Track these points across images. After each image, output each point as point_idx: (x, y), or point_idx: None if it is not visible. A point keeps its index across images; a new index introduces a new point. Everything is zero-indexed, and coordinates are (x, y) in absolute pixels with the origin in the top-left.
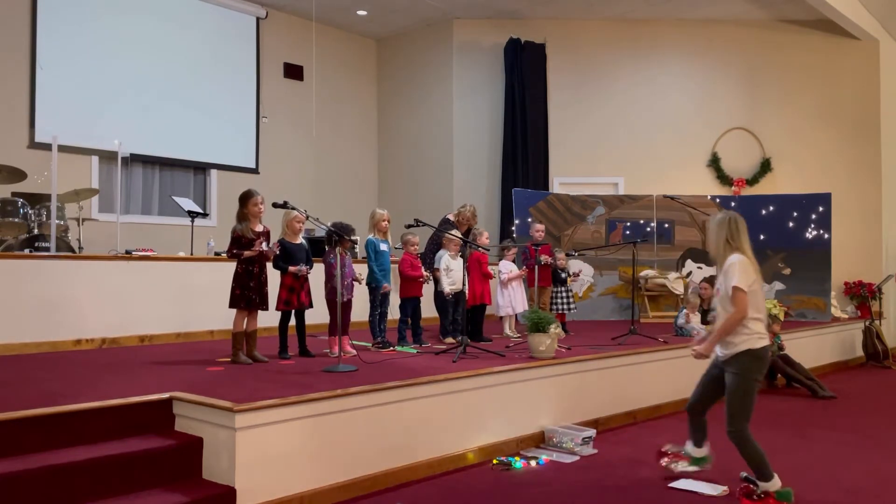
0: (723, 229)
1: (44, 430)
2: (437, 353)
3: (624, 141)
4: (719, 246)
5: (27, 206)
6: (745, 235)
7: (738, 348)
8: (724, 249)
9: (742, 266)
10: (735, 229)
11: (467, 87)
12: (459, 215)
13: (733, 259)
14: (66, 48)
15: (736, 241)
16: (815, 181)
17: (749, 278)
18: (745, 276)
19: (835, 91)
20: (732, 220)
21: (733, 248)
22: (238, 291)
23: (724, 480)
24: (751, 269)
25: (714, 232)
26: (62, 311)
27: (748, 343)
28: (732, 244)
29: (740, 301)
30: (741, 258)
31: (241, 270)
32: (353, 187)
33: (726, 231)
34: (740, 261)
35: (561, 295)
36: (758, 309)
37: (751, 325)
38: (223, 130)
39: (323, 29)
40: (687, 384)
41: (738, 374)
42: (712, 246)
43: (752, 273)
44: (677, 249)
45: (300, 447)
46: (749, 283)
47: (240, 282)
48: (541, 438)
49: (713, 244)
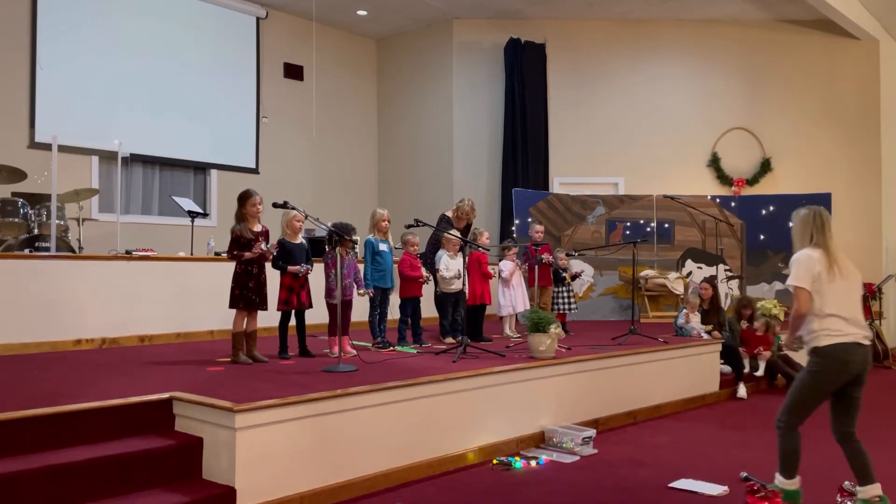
0: (807, 226)
1: (44, 430)
2: (437, 353)
3: (624, 141)
4: (804, 243)
5: (27, 206)
6: (829, 231)
7: (808, 346)
8: (807, 244)
9: (801, 264)
10: (820, 224)
11: (467, 88)
12: (458, 210)
13: (794, 257)
14: (66, 48)
15: (818, 235)
16: (815, 181)
17: (811, 275)
18: (803, 274)
19: (835, 91)
20: (817, 215)
21: (814, 244)
22: (237, 292)
23: (724, 480)
24: (815, 265)
25: (798, 228)
26: (62, 311)
27: (815, 341)
28: (815, 238)
29: (797, 298)
30: (803, 255)
31: (240, 271)
32: (353, 187)
33: (811, 226)
34: (800, 258)
35: (562, 295)
36: (833, 305)
37: (819, 323)
38: (223, 130)
39: (323, 29)
40: (687, 384)
41: (806, 370)
42: (797, 243)
43: (816, 268)
44: (677, 249)
45: (300, 447)
46: (811, 279)
47: (239, 282)
48: (541, 438)
49: (797, 241)
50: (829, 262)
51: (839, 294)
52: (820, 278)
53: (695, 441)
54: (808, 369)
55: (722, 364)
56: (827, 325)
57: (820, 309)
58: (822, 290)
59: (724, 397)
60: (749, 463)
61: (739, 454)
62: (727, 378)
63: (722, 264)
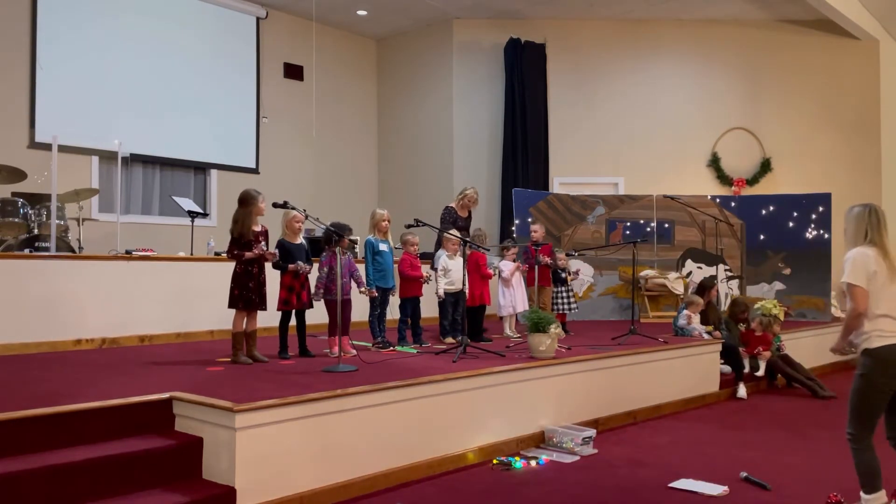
0: (862, 223)
1: (44, 430)
2: (437, 353)
3: (624, 141)
4: (858, 241)
5: (27, 206)
6: (885, 229)
7: (860, 348)
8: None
9: (855, 262)
10: (876, 221)
11: (467, 87)
12: (464, 197)
13: (848, 255)
14: (66, 48)
15: (873, 233)
16: (815, 181)
17: (866, 273)
18: (858, 272)
19: (835, 91)
20: (872, 212)
21: (869, 241)
22: (237, 292)
23: (724, 480)
24: (871, 263)
25: (852, 225)
26: (62, 311)
27: (866, 342)
28: (869, 235)
29: (853, 297)
30: (857, 252)
31: (239, 271)
32: (353, 187)
33: (866, 224)
34: (854, 256)
35: (562, 295)
36: (886, 306)
37: (871, 324)
38: (223, 130)
39: (323, 29)
40: (687, 384)
41: (857, 373)
42: (850, 239)
43: (871, 267)
44: (677, 249)
45: (300, 447)
46: (866, 278)
47: (238, 282)
48: (541, 438)
49: (851, 239)
50: (887, 262)
51: (894, 295)
52: (876, 278)
53: (695, 441)
54: (860, 372)
55: (722, 364)
56: (880, 325)
57: (872, 310)
58: (876, 290)
59: (724, 397)
60: (749, 463)
61: (739, 454)
62: (727, 378)
63: (722, 264)
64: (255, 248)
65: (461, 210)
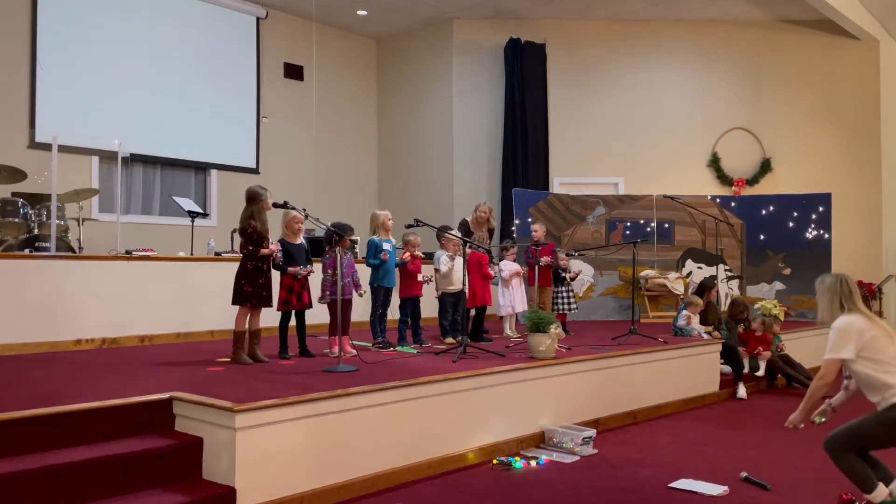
0: (835, 294)
1: (44, 430)
2: (438, 353)
3: (624, 141)
4: (834, 311)
5: (27, 206)
6: (857, 295)
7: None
8: (836, 313)
9: (842, 332)
10: (848, 291)
11: (467, 87)
12: (476, 211)
13: (837, 325)
14: (67, 48)
15: (848, 302)
16: (815, 181)
17: (857, 343)
18: (842, 345)
19: (835, 91)
20: (843, 282)
21: (846, 310)
22: (249, 288)
23: (724, 480)
24: (864, 331)
25: (825, 297)
26: (62, 312)
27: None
28: (846, 306)
29: (825, 368)
30: (847, 322)
31: (251, 267)
32: (353, 187)
33: (839, 295)
34: (841, 327)
35: (562, 295)
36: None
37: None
38: (223, 130)
39: (323, 29)
40: (687, 384)
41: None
42: (824, 312)
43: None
44: (677, 249)
45: (300, 447)
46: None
47: (250, 279)
48: (541, 438)
49: (825, 310)
50: (878, 325)
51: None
52: (877, 341)
53: (695, 441)
54: (884, 422)
55: (722, 364)
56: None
57: (889, 367)
58: (882, 349)
59: (724, 397)
60: (749, 463)
61: (739, 454)
62: (727, 378)
63: (722, 264)
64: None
65: (475, 226)
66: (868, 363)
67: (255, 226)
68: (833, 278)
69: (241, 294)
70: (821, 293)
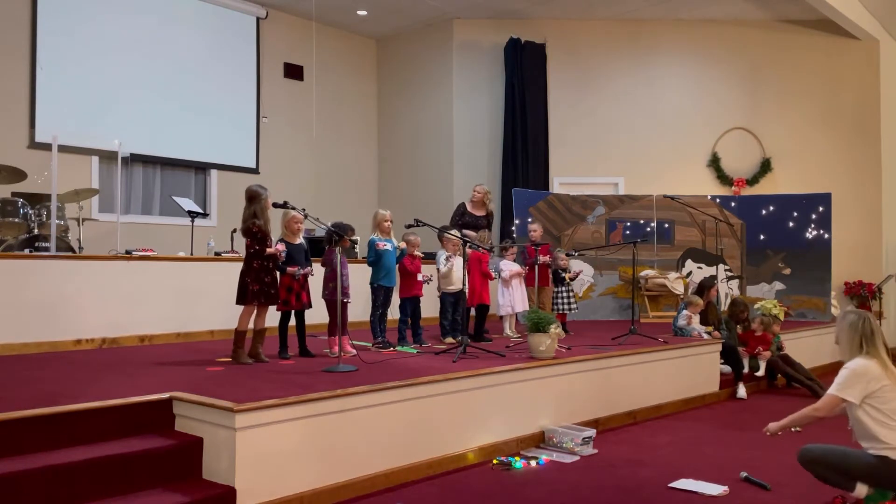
0: (856, 333)
1: (44, 430)
2: (438, 353)
3: (624, 141)
4: (853, 350)
5: (27, 206)
6: (879, 337)
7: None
8: (855, 353)
9: (855, 374)
10: (870, 333)
11: (467, 87)
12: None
13: (848, 364)
14: (66, 48)
15: (869, 345)
16: (815, 181)
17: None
18: (851, 387)
19: (835, 91)
20: (866, 321)
21: (864, 351)
22: (256, 287)
23: (724, 480)
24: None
25: (846, 334)
26: (62, 311)
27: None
28: (865, 348)
29: (825, 402)
30: (861, 366)
31: (257, 266)
32: (353, 187)
33: (860, 335)
34: (855, 368)
35: (562, 295)
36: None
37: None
38: (223, 130)
39: (323, 29)
40: (687, 384)
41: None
42: (844, 350)
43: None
44: (677, 249)
45: (300, 447)
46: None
47: (257, 277)
48: (541, 438)
49: (844, 348)
50: (889, 373)
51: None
52: (885, 392)
53: (695, 441)
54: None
55: (721, 364)
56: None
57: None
58: (889, 401)
59: (724, 397)
60: (749, 463)
61: (739, 454)
62: (727, 378)
63: (722, 264)
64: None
65: (473, 207)
66: (870, 411)
67: (260, 224)
68: (856, 316)
69: (247, 293)
70: (842, 329)
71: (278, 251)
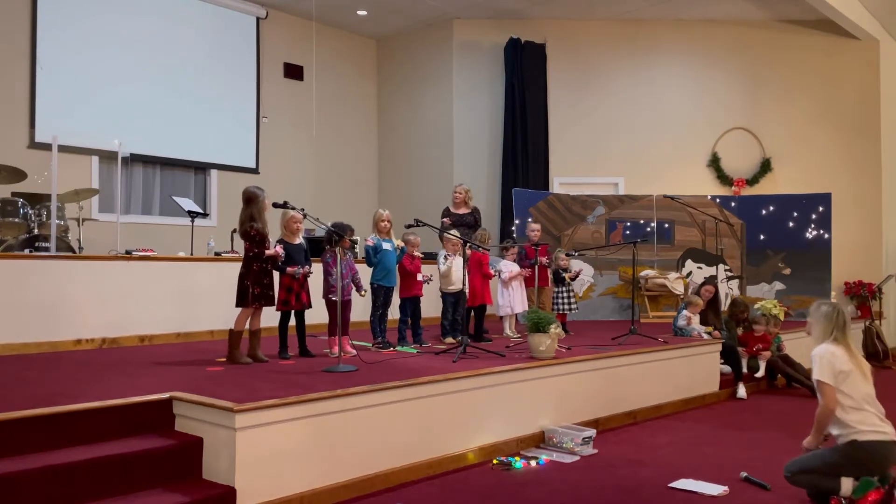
0: (829, 322)
1: (44, 430)
2: (438, 354)
3: (624, 141)
4: (825, 338)
5: (27, 206)
6: (849, 328)
7: (844, 439)
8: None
9: (823, 359)
10: (842, 323)
11: (467, 87)
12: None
13: (815, 352)
14: (67, 48)
15: (838, 332)
16: (815, 181)
17: (832, 372)
18: (826, 370)
19: (835, 91)
20: (840, 313)
21: (833, 339)
22: (257, 290)
23: (724, 480)
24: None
25: (820, 325)
26: (62, 312)
27: (854, 434)
28: (836, 337)
29: (825, 395)
30: (827, 350)
31: (257, 268)
32: (353, 187)
33: (833, 325)
34: (822, 354)
35: (562, 295)
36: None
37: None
38: (223, 130)
39: (323, 29)
40: (687, 384)
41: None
42: (817, 337)
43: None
44: (677, 249)
45: (300, 447)
46: (833, 376)
47: (256, 279)
48: (541, 438)
49: (818, 336)
50: (855, 361)
51: (869, 390)
52: (849, 377)
53: (695, 441)
54: (843, 461)
55: (721, 364)
56: (865, 419)
57: (857, 404)
58: (854, 386)
59: (723, 397)
60: (749, 463)
61: (739, 454)
62: (727, 378)
63: (722, 264)
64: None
65: (455, 207)
66: (842, 398)
67: (258, 227)
68: (830, 308)
69: (247, 296)
70: (816, 319)
71: (277, 253)
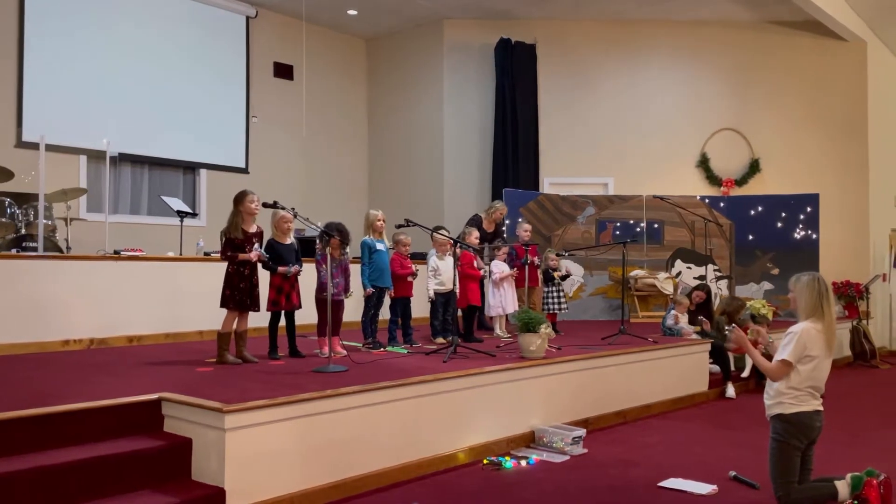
0: (813, 292)
1: (32, 431)
2: (428, 354)
3: (614, 141)
4: (815, 311)
5: (14, 206)
6: (832, 294)
7: (771, 412)
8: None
9: (800, 341)
10: (825, 291)
11: (457, 88)
12: (494, 212)
13: (795, 329)
14: (54, 46)
15: (823, 302)
16: (803, 182)
17: (801, 353)
18: (797, 351)
19: (823, 92)
20: (821, 281)
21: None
22: (228, 292)
23: (713, 479)
24: (813, 346)
25: (805, 295)
26: (50, 312)
27: (780, 407)
28: (822, 304)
29: (780, 368)
30: (804, 331)
31: (231, 271)
32: (343, 187)
33: (817, 294)
34: (800, 334)
35: (552, 295)
36: (813, 380)
37: (792, 391)
38: (213, 130)
39: (313, 28)
40: (676, 384)
41: (774, 440)
42: (806, 307)
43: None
44: (667, 249)
45: (290, 448)
46: (798, 357)
47: (230, 283)
48: (531, 438)
49: (807, 306)
50: (825, 338)
51: (823, 370)
52: (813, 361)
53: (684, 440)
54: (777, 439)
55: (710, 364)
56: (799, 395)
57: (799, 382)
58: (811, 371)
59: (713, 397)
60: (738, 462)
61: (728, 453)
62: (716, 378)
63: (711, 264)
64: (247, 249)
65: (488, 224)
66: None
67: (229, 231)
68: (810, 277)
69: (223, 297)
70: (799, 291)
71: (251, 258)
